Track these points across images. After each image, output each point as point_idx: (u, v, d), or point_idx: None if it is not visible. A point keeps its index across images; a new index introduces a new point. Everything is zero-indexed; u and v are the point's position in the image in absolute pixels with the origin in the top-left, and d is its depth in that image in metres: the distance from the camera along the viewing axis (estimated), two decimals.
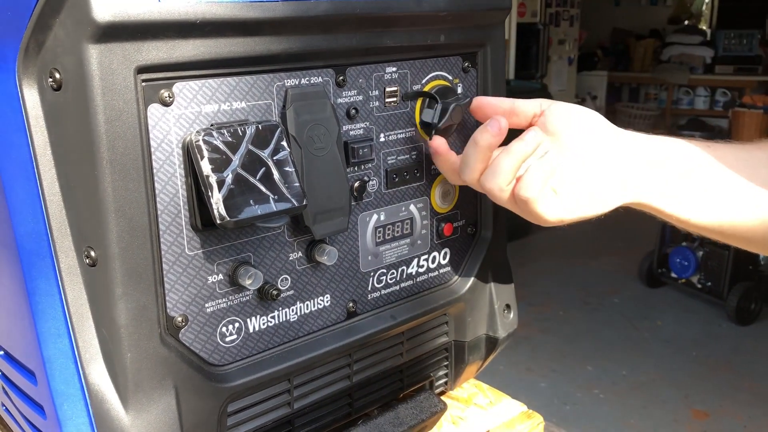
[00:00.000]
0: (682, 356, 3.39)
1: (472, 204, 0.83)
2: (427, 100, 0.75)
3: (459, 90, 0.78)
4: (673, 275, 3.91)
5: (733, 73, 7.17)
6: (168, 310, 0.61)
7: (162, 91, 0.57)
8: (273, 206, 0.60)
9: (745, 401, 3.01)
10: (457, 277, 0.84)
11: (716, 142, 0.75)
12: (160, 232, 0.59)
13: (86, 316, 0.59)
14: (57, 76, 0.55)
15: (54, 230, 0.58)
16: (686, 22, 8.12)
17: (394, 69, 0.72)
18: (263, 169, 0.60)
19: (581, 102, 5.89)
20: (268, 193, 0.60)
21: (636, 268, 4.23)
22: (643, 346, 3.50)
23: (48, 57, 0.55)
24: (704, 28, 8.09)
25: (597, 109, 0.76)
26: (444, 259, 0.82)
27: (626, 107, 7.24)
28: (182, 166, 0.59)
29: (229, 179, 0.58)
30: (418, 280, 0.80)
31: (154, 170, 0.58)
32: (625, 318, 3.78)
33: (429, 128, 0.74)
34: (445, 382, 0.88)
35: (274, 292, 0.66)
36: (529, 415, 0.94)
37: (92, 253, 0.57)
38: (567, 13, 5.96)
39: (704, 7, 8.66)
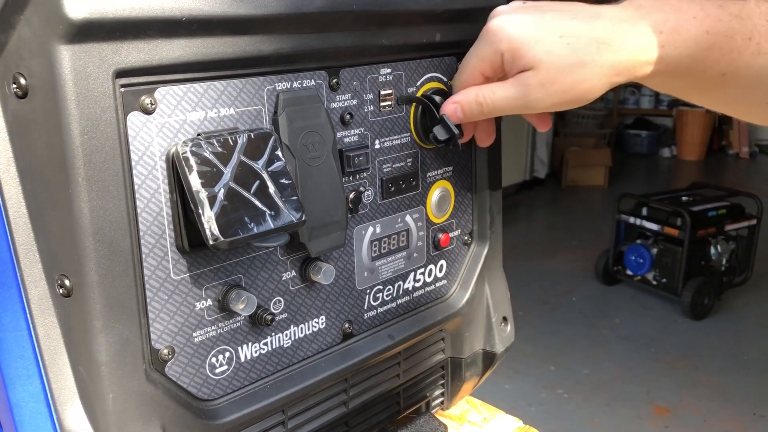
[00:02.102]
0: (641, 353, 3.42)
1: (468, 212, 0.79)
2: (420, 107, 0.70)
3: None
4: (629, 273, 3.95)
5: None
6: (152, 342, 0.54)
7: (143, 97, 0.51)
8: (270, 223, 0.54)
9: (704, 395, 3.05)
10: (453, 290, 0.79)
11: None
12: (143, 256, 0.53)
13: (60, 353, 0.52)
14: (22, 81, 0.48)
15: (21, 257, 0.51)
16: None
17: (389, 70, 0.67)
18: (257, 182, 0.54)
19: None
20: (264, 208, 0.54)
21: (592, 267, 4.27)
22: (603, 344, 3.52)
23: (11, 60, 0.49)
24: None
25: None
26: (440, 271, 0.77)
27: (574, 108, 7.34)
28: (166, 181, 0.53)
29: (221, 194, 0.52)
30: (414, 295, 0.75)
31: (136, 186, 0.51)
32: (583, 316, 3.80)
33: (448, 143, 0.68)
34: (442, 402, 0.84)
35: (268, 317, 0.60)
36: (527, 431, 0.90)
37: (66, 282, 0.50)
38: None
39: None
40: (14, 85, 0.49)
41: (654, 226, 3.78)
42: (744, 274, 3.88)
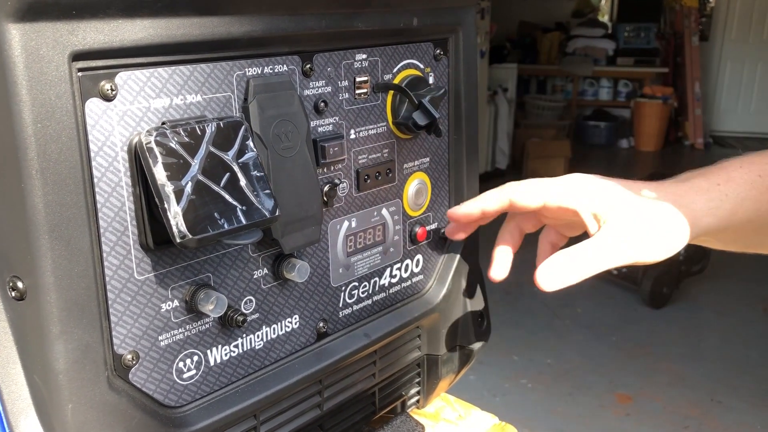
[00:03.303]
0: (602, 342, 3.46)
1: (445, 205, 0.76)
2: (399, 96, 0.67)
3: (430, 80, 0.70)
4: None
5: (633, 65, 7.44)
6: (115, 348, 0.50)
7: (103, 82, 0.47)
8: (242, 219, 0.50)
9: (664, 382, 3.10)
10: (430, 285, 0.76)
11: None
12: (104, 255, 0.49)
13: (12, 362, 0.48)
14: None
15: None
16: (589, 16, 8.36)
17: (365, 56, 0.64)
18: (228, 174, 0.51)
19: (493, 95, 5.95)
20: (235, 203, 0.50)
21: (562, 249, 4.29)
22: (565, 333, 3.55)
23: None
24: (605, 21, 8.36)
25: (508, 102, 0.71)
26: (417, 266, 0.74)
27: (534, 99, 7.37)
28: (128, 173, 0.49)
29: (188, 188, 0.48)
30: (390, 291, 0.72)
31: (95, 179, 0.47)
32: (546, 306, 3.83)
33: (427, 128, 0.66)
34: (417, 400, 0.81)
35: (240, 318, 0.56)
36: (503, 428, 0.88)
37: (19, 284, 0.46)
38: (478, 5, 6.01)
39: (602, 1, 8.95)
40: None
41: None
42: (701, 263, 3.95)
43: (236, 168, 0.51)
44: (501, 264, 0.71)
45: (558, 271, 0.61)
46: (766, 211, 0.63)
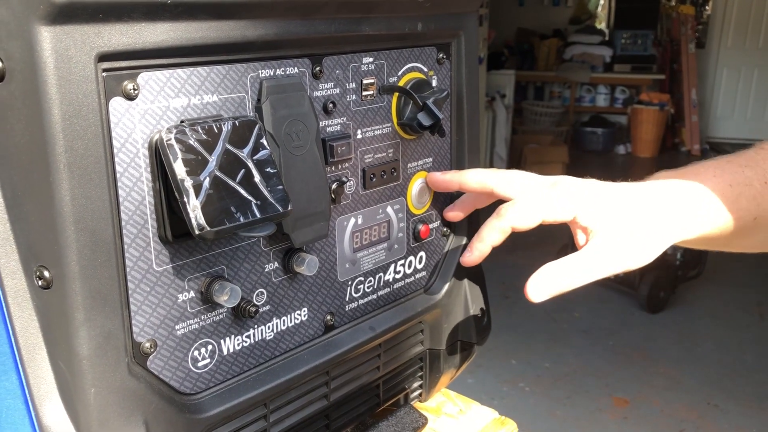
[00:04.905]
0: (600, 346, 3.48)
1: (447, 204, 0.78)
2: (403, 98, 0.70)
3: (434, 83, 0.73)
4: None
5: (630, 72, 7.49)
6: (134, 336, 0.53)
7: (126, 82, 0.49)
8: (257, 213, 0.53)
9: (661, 386, 3.13)
10: (433, 281, 0.79)
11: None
12: (125, 246, 0.51)
13: (38, 348, 0.50)
14: None
15: None
16: (586, 23, 8.41)
17: (371, 59, 0.66)
18: (243, 170, 0.53)
19: (491, 101, 5.99)
20: (250, 198, 0.53)
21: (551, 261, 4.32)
22: (563, 337, 3.57)
23: None
24: (603, 28, 8.41)
25: (506, 108, 0.75)
26: (420, 263, 0.77)
27: (532, 105, 7.42)
28: (149, 169, 0.51)
29: (206, 183, 0.51)
30: (395, 287, 0.75)
31: (118, 174, 0.50)
32: (543, 311, 3.85)
33: (431, 129, 0.69)
34: (420, 394, 0.83)
35: (252, 309, 0.59)
36: (503, 422, 0.91)
37: (46, 274, 0.49)
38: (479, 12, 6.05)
39: (599, 9, 9.01)
40: None
41: None
42: (697, 268, 3.98)
43: (251, 164, 0.54)
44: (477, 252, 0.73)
45: (547, 283, 0.66)
46: (737, 219, 0.67)
